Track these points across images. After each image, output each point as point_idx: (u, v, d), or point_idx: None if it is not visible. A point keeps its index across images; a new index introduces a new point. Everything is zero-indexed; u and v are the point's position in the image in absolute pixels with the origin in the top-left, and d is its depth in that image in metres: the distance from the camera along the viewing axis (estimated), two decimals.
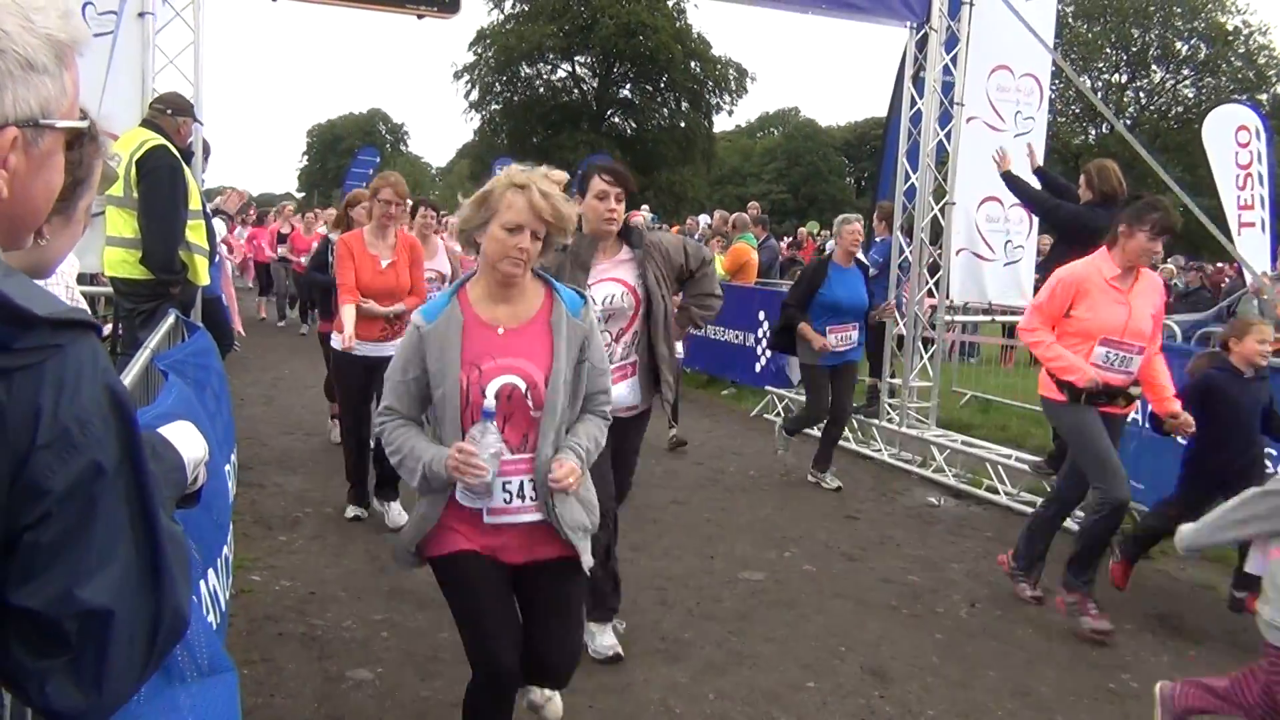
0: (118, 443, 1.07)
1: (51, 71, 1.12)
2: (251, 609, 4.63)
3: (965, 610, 5.17)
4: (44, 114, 1.12)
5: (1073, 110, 42.86)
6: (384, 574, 5.17)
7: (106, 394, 1.07)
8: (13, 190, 1.12)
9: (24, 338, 1.01)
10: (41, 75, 1.11)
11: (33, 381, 1.01)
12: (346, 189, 31.47)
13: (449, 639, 4.44)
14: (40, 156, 1.14)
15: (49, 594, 1.02)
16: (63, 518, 1.02)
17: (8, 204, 1.13)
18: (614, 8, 43.23)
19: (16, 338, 1.00)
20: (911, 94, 8.48)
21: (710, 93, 47.99)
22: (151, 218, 5.36)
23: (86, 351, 1.06)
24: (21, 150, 1.11)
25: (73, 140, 1.20)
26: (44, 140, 1.14)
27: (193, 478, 1.61)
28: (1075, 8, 42.78)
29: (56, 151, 1.17)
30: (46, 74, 1.11)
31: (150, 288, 5.42)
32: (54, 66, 1.12)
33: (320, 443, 8.03)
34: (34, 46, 1.10)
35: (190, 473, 1.58)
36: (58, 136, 1.16)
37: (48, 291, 1.10)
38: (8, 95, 1.08)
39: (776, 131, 62.89)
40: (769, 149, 59.86)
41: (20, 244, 1.21)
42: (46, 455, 1.01)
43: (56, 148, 1.17)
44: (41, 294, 1.06)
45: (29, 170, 1.13)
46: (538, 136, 45.82)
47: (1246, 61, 43.17)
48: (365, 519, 6.08)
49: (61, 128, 1.15)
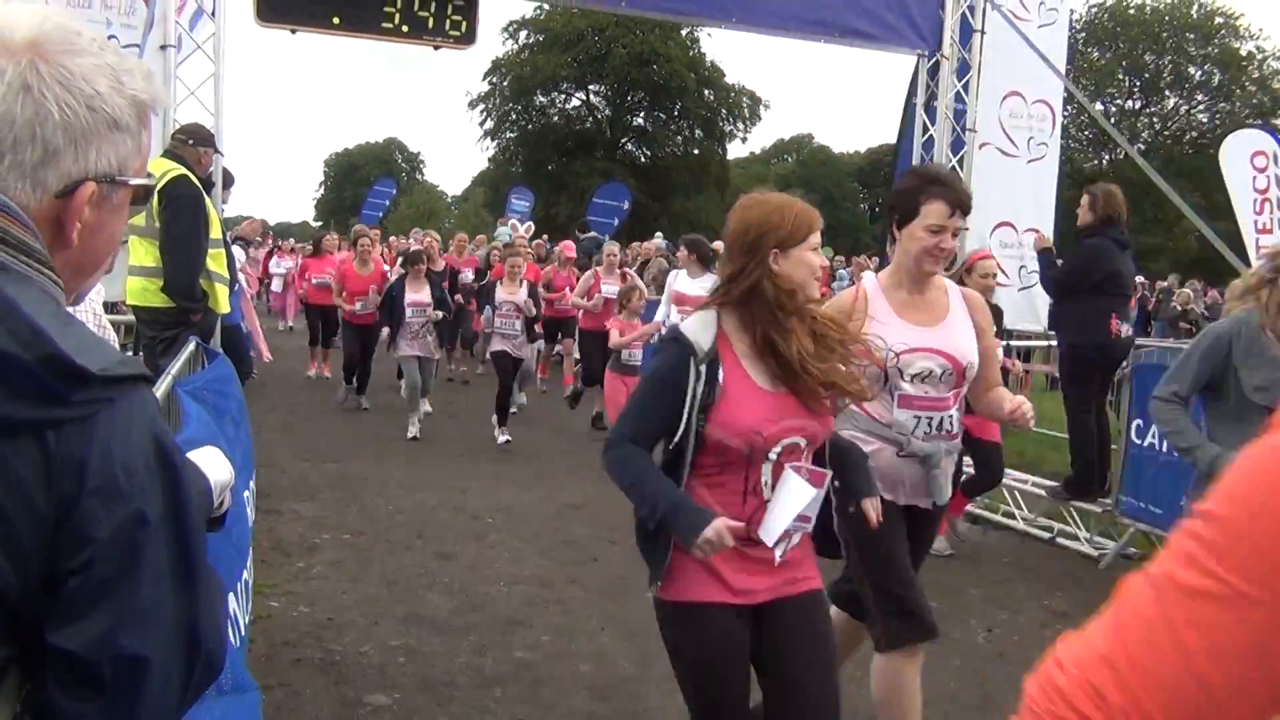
0: (162, 492, 1.10)
1: (133, 131, 1.18)
2: (270, 634, 4.65)
3: (983, 636, 5.15)
4: (120, 171, 1.18)
5: (1085, 136, 42.84)
6: (400, 599, 5.20)
7: (153, 445, 1.10)
8: (81, 240, 1.17)
9: (78, 392, 1.04)
10: (124, 134, 1.17)
11: (84, 432, 1.04)
12: (364, 219, 31.73)
13: (466, 664, 4.47)
14: (111, 210, 1.20)
15: (88, 637, 1.05)
16: (105, 564, 1.05)
17: (74, 254, 1.18)
18: (627, 37, 43.54)
19: (71, 392, 1.04)
20: (924, 120, 8.52)
21: (724, 120, 48.21)
22: (173, 247, 5.43)
23: (137, 403, 1.10)
24: (96, 204, 1.17)
25: (140, 195, 1.25)
26: (117, 195, 1.20)
27: (218, 502, 1.64)
28: (1086, 34, 42.86)
29: (125, 206, 1.23)
30: (128, 133, 1.18)
31: (171, 316, 5.48)
32: (135, 126, 1.19)
33: (337, 470, 8.07)
34: (121, 107, 1.16)
35: (216, 497, 1.61)
36: (128, 193, 1.22)
37: (104, 341, 1.14)
38: (93, 152, 1.14)
39: (790, 159, 63.07)
40: (783, 176, 59.90)
41: (82, 292, 1.26)
42: (93, 502, 1.04)
43: (125, 203, 1.23)
44: (98, 345, 1.10)
45: (99, 223, 1.19)
46: (552, 165, 46.09)
47: (1261, 87, 43.11)
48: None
49: (134, 185, 1.21)
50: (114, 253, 1.27)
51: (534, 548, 6.25)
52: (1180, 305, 16.93)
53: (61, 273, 1.16)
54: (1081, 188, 7.29)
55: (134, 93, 1.17)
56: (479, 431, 9.68)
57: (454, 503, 7.16)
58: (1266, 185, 11.83)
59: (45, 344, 1.02)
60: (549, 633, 4.87)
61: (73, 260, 1.18)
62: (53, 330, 1.04)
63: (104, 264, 1.26)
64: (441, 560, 5.91)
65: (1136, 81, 44.97)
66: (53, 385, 1.03)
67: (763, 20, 7.61)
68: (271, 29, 6.58)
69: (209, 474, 1.59)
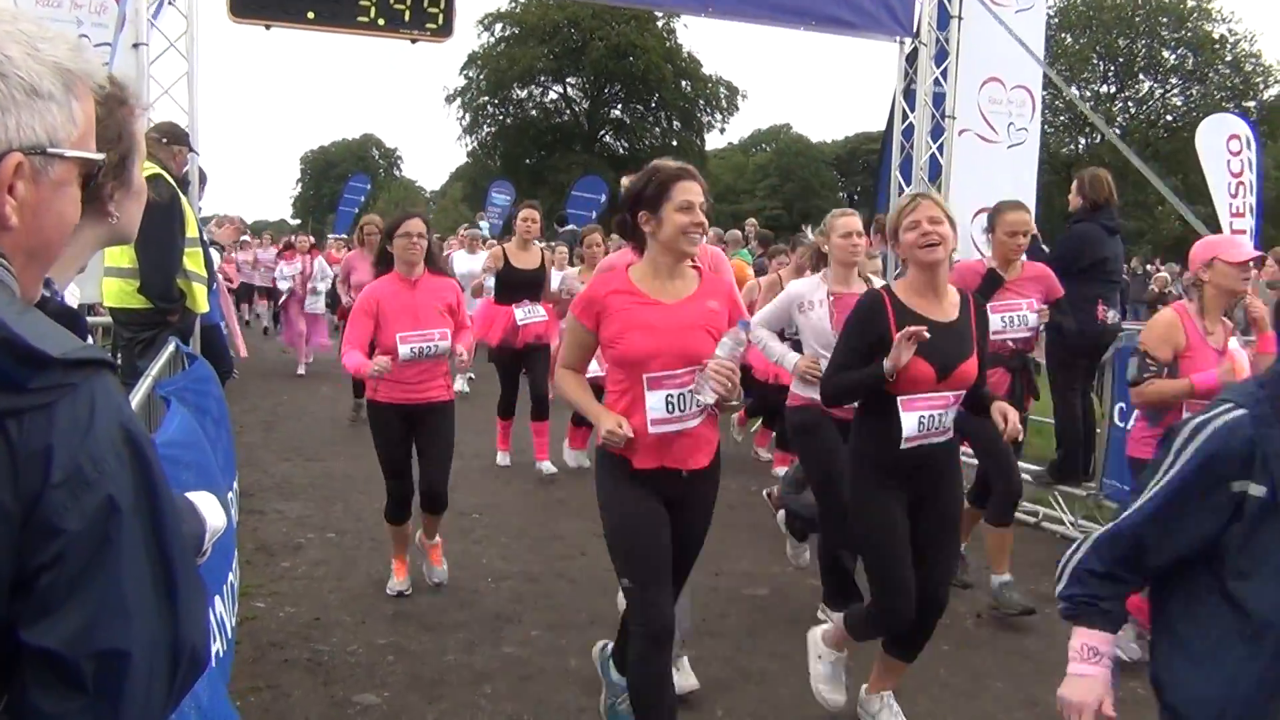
0: (133, 480, 1.06)
1: (59, 99, 1.12)
2: (256, 636, 4.61)
3: (971, 621, 5.16)
4: (51, 142, 1.11)
5: (1061, 121, 43.05)
6: (387, 597, 5.17)
7: (121, 431, 1.06)
8: (23, 220, 1.11)
9: (37, 378, 1.00)
10: (47, 102, 1.11)
11: (45, 420, 1.00)
12: (340, 215, 31.55)
13: (454, 661, 4.44)
14: (51, 186, 1.14)
15: (65, 634, 1.01)
16: (77, 557, 1.01)
17: (20, 235, 1.12)
18: (604, 29, 43.49)
19: (30, 378, 1.00)
20: (903, 108, 8.52)
21: (701, 111, 48.26)
22: (149, 247, 5.36)
23: (100, 389, 1.06)
24: (30, 179, 1.11)
25: (89, 171, 1.19)
26: (54, 170, 1.13)
27: (204, 549, 1.61)
28: (1060, 20, 43.03)
29: (68, 183, 1.16)
30: (53, 101, 1.11)
31: (149, 316, 5.42)
32: (61, 95, 1.12)
33: (320, 469, 8.02)
34: (39, 73, 1.10)
35: (205, 543, 1.58)
36: (69, 167, 1.15)
37: (62, 329, 1.09)
38: (10, 120, 1.08)
39: (768, 148, 63.09)
40: (761, 166, 59.99)
41: (35, 284, 1.19)
42: (59, 494, 1.00)
43: (68, 178, 1.16)
44: (55, 332, 1.06)
45: (39, 200, 1.13)
46: (531, 158, 46.04)
47: (1234, 69, 43.43)
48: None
49: (71, 157, 1.14)
50: (67, 237, 1.20)
51: (521, 543, 6.23)
52: (1158, 288, 17.02)
53: (12, 259, 1.12)
54: (1058, 173, 7.32)
55: (55, 59, 1.12)
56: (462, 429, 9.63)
57: None
58: (1241, 169, 11.95)
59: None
60: (538, 628, 4.85)
61: (20, 243, 1.12)
62: (6, 316, 1.00)
63: (55, 249, 1.19)
64: (426, 557, 5.87)
65: (1111, 66, 45.21)
66: (9, 371, 0.99)
67: (740, 9, 7.59)
68: (245, 25, 6.51)
69: (205, 518, 1.56)
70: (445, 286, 5.21)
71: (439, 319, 5.07)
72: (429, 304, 5.06)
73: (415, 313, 5.02)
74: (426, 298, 5.07)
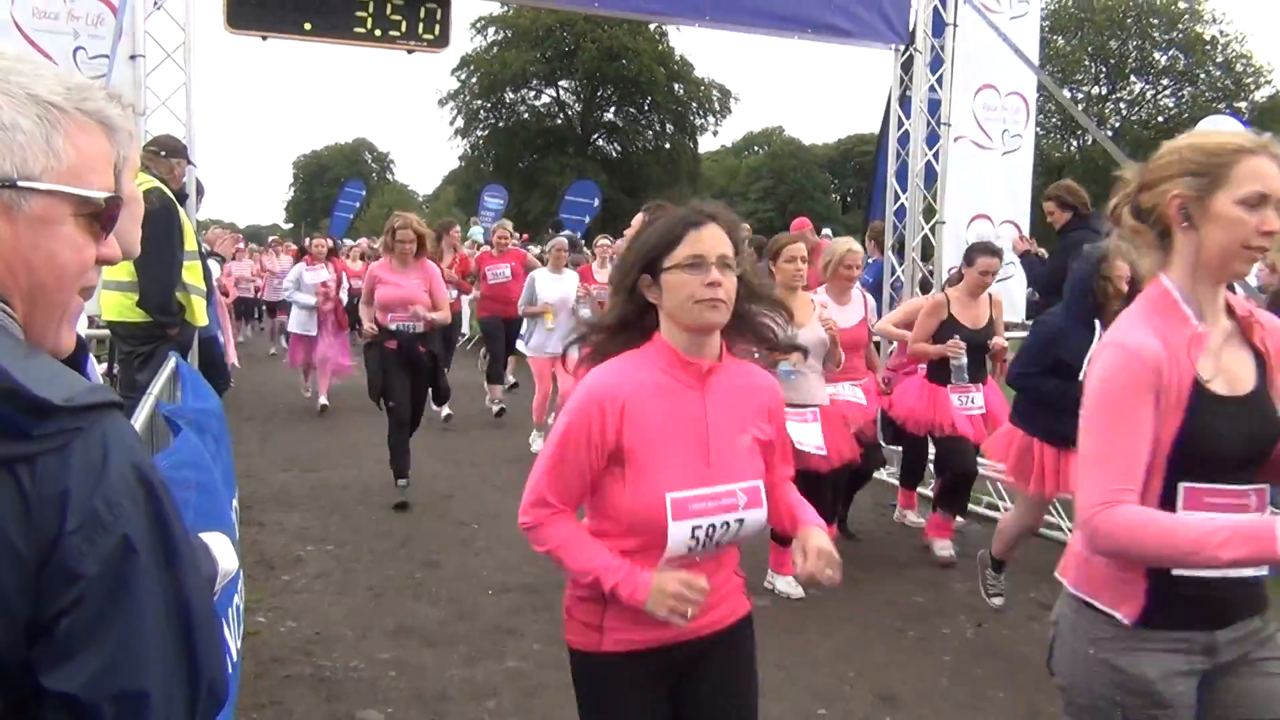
0: (147, 520, 1.06)
1: (26, 130, 1.08)
2: (258, 651, 4.60)
3: (972, 631, 5.17)
4: (20, 174, 1.08)
5: (1053, 123, 43.16)
6: (388, 611, 5.17)
7: (135, 472, 1.06)
8: (3, 257, 1.08)
9: (42, 425, 1.00)
10: (12, 133, 1.08)
11: (59, 465, 1.00)
12: (334, 220, 31.53)
13: (457, 675, 4.44)
14: (30, 222, 1.10)
15: (85, 677, 1.01)
16: (96, 600, 1.01)
17: (6, 275, 1.09)
18: (596, 32, 43.47)
19: (34, 425, 0.99)
20: (898, 114, 8.54)
21: (694, 114, 48.28)
22: (147, 260, 5.34)
23: (112, 431, 1.05)
24: (5, 215, 1.08)
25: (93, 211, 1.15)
26: (31, 204, 1.09)
27: (215, 591, 1.61)
28: (1052, 22, 43.13)
29: (57, 221, 1.12)
30: (18, 131, 1.08)
31: (148, 330, 5.41)
32: (34, 127, 1.09)
33: (318, 479, 8.01)
34: (6, 105, 1.08)
35: (216, 585, 1.59)
36: (52, 203, 1.11)
37: (69, 371, 1.08)
38: None
39: (761, 150, 63.18)
40: (754, 168, 60.11)
41: (48, 329, 1.16)
42: (76, 539, 1.00)
43: (54, 216, 1.12)
44: (62, 375, 1.05)
45: (17, 236, 1.09)
46: (524, 162, 45.98)
47: (1224, 70, 43.57)
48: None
49: (47, 190, 1.10)
50: (72, 277, 1.15)
51: (521, 554, 6.21)
52: None
53: (10, 301, 1.10)
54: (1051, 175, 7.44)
55: (30, 92, 1.08)
56: (461, 436, 9.65)
57: (438, 509, 7.12)
58: None
59: (1, 379, 0.98)
60: (540, 641, 4.84)
61: (10, 284, 1.09)
62: (8, 363, 1.00)
63: (53, 292, 1.14)
64: (428, 569, 5.88)
65: (1103, 68, 45.35)
66: (13, 420, 0.98)
67: (735, 18, 7.59)
68: (242, 36, 6.50)
69: (217, 560, 1.57)
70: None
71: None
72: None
73: None
74: None
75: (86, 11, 6.11)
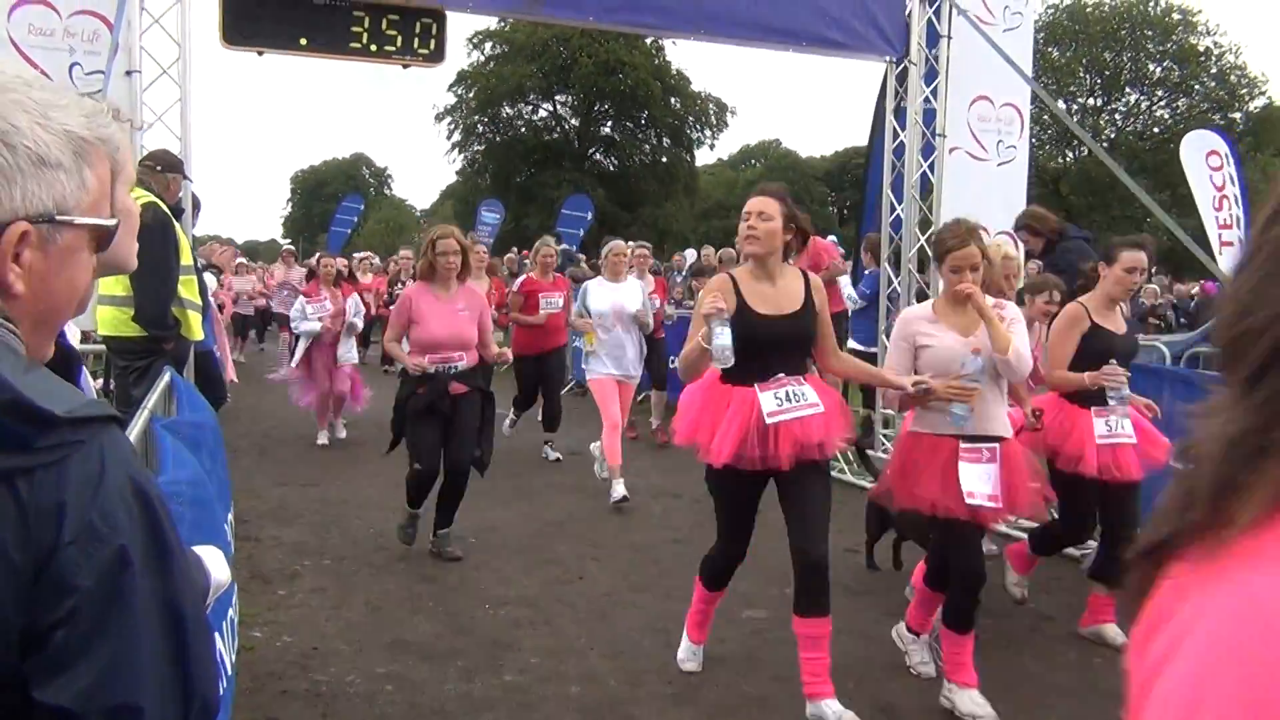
0: (143, 534, 1.06)
1: (67, 168, 1.13)
2: (254, 666, 4.58)
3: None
4: (60, 210, 1.12)
5: (1048, 135, 43.30)
6: (385, 625, 5.15)
7: (131, 486, 1.07)
8: (30, 287, 1.12)
9: (44, 437, 1.01)
10: (55, 171, 1.11)
11: (56, 478, 1.01)
12: (332, 235, 31.56)
13: (454, 690, 4.42)
14: (60, 254, 1.14)
15: (78, 691, 1.01)
16: (90, 613, 1.01)
17: (28, 302, 1.13)
18: (592, 46, 43.60)
19: (36, 437, 1.00)
20: (893, 126, 8.57)
21: (691, 128, 48.37)
22: (143, 275, 5.35)
23: (110, 444, 1.06)
24: (38, 247, 1.11)
25: (103, 235, 1.19)
26: (63, 237, 1.14)
27: (208, 605, 1.61)
28: (1046, 34, 43.31)
29: (79, 249, 1.17)
30: (61, 169, 1.12)
31: (143, 345, 5.41)
32: (71, 163, 1.13)
33: (316, 493, 7.99)
34: (47, 142, 1.11)
35: (209, 598, 1.59)
36: (79, 234, 1.16)
37: (67, 385, 1.10)
38: (16, 190, 1.09)
39: (758, 164, 63.34)
40: (752, 181, 60.14)
41: (45, 344, 1.20)
42: (71, 551, 1.01)
43: (79, 245, 1.17)
44: (61, 389, 1.07)
45: (48, 268, 1.13)
46: (521, 176, 46.07)
47: (1219, 81, 43.73)
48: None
49: (81, 224, 1.15)
50: (79, 300, 1.21)
51: (518, 567, 6.21)
52: (1148, 301, 17.06)
53: (19, 324, 1.12)
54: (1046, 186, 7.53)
55: (66, 127, 1.12)
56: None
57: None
58: (1223, 183, 12.09)
59: (3, 390, 0.99)
60: (537, 654, 4.83)
61: (27, 309, 1.13)
62: (12, 376, 1.01)
63: (65, 314, 1.20)
64: (425, 583, 5.86)
65: (1098, 79, 45.51)
66: (15, 431, 0.99)
67: (730, 31, 7.63)
68: (238, 51, 6.53)
69: (210, 573, 1.57)
70: None
71: None
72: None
73: None
74: None
75: (82, 28, 6.14)
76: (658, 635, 5.09)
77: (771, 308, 4.13)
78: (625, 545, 6.72)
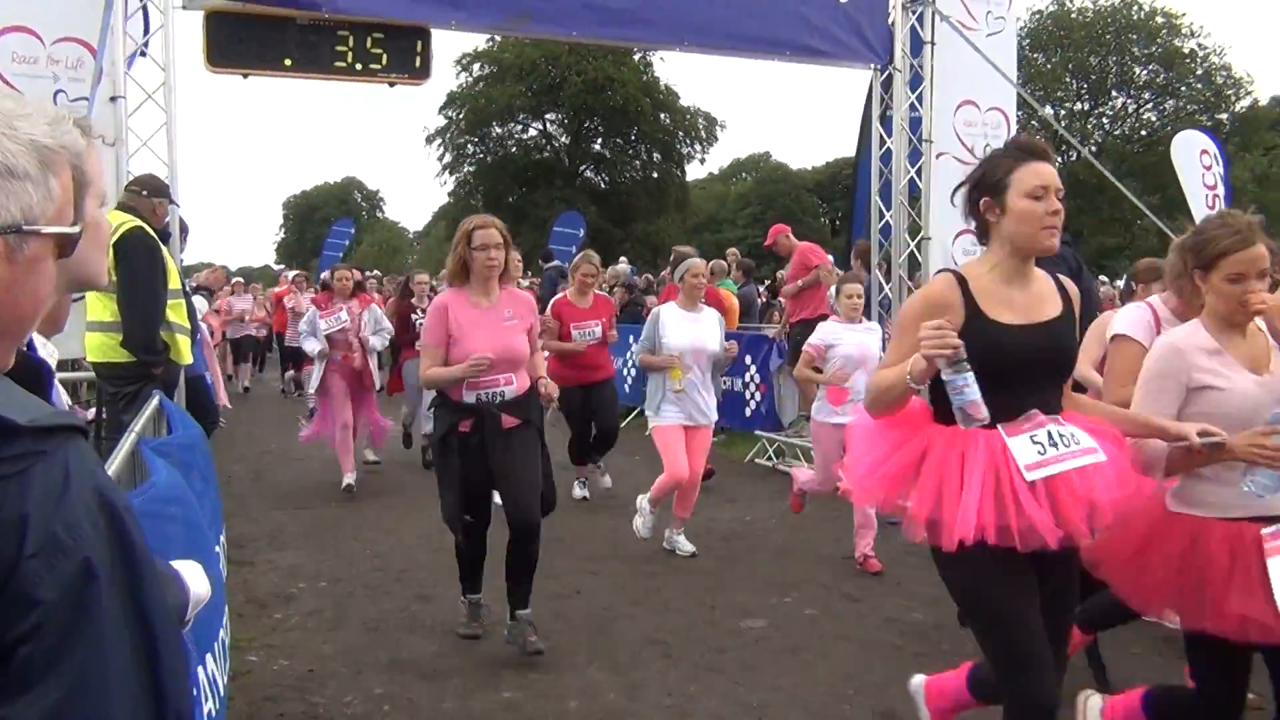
0: (110, 546, 1.04)
1: (34, 178, 1.12)
2: (250, 691, 4.54)
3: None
4: (27, 220, 1.11)
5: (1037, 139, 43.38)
6: (382, 645, 5.11)
7: (95, 497, 1.04)
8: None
9: (5, 447, 0.99)
10: (22, 182, 1.10)
11: (18, 490, 0.99)
12: (324, 259, 31.54)
13: (452, 709, 4.39)
14: (25, 264, 1.13)
15: (44, 707, 0.98)
16: (56, 627, 0.99)
17: None
18: (581, 64, 43.71)
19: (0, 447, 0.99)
20: (880, 133, 8.59)
21: (681, 143, 48.46)
22: (131, 300, 5.35)
23: (74, 455, 1.04)
24: (5, 258, 1.11)
25: (66, 243, 1.18)
26: (29, 247, 1.13)
27: (187, 619, 1.59)
28: (1031, 40, 43.48)
29: (43, 258, 1.16)
30: (29, 180, 1.11)
31: (133, 370, 5.40)
32: (37, 172, 1.12)
33: (311, 516, 7.95)
34: (14, 153, 1.10)
35: (189, 613, 1.57)
36: (45, 243, 1.15)
37: (32, 397, 1.08)
38: None
39: (749, 177, 63.44)
40: (742, 195, 60.32)
41: (6, 354, 1.18)
42: (35, 564, 0.98)
43: (43, 254, 1.16)
44: (25, 400, 1.05)
45: (14, 278, 1.12)
46: (513, 195, 46.09)
47: (1204, 83, 43.91)
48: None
49: (47, 233, 1.14)
50: (41, 309, 1.19)
51: None
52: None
53: None
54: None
55: (32, 137, 1.12)
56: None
57: (432, 543, 7.04)
58: (1214, 182, 12.17)
59: None
60: (535, 671, 4.79)
61: None
62: None
63: (29, 323, 1.19)
64: (422, 602, 5.82)
65: (1084, 84, 45.67)
66: None
67: (715, 42, 7.66)
68: (223, 74, 6.53)
69: (189, 586, 1.55)
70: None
71: None
72: None
73: None
74: None
75: (66, 55, 6.14)
76: (656, 648, 5.06)
77: (1020, 315, 2.90)
78: (622, 559, 6.69)
